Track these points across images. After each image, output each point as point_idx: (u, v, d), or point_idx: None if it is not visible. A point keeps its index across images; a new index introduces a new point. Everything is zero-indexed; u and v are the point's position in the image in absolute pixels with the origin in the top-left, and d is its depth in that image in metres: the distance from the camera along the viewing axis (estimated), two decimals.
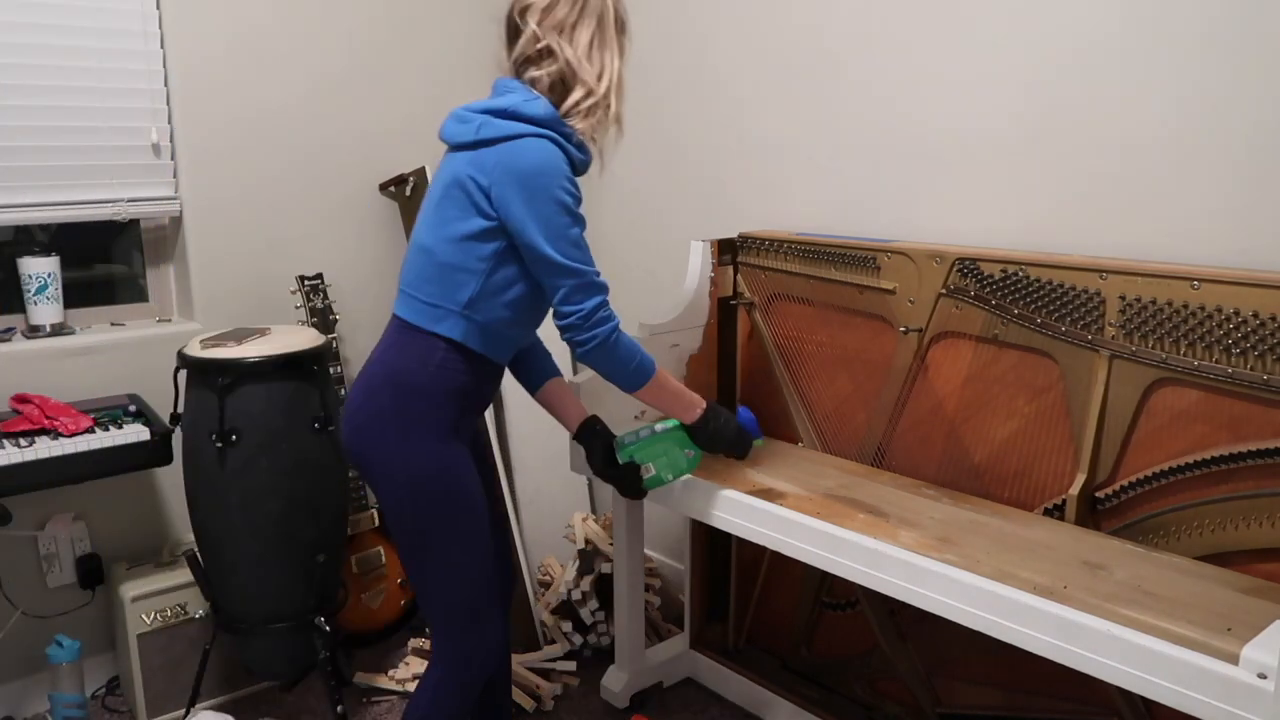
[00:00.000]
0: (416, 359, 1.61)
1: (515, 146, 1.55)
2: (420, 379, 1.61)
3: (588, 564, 2.54)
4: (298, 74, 2.62)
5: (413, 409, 1.61)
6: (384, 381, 1.63)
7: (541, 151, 1.55)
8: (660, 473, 1.84)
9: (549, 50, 1.61)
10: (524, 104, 1.58)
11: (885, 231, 2.14)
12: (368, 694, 2.44)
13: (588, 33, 1.63)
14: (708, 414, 1.83)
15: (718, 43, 2.51)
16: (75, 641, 2.22)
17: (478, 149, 1.58)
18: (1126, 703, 1.70)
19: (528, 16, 1.62)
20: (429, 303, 1.61)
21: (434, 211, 1.63)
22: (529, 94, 1.61)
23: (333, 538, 2.23)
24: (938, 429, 1.95)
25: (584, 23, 1.63)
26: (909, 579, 1.53)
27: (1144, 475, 1.66)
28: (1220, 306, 1.54)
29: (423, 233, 1.65)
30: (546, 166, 1.55)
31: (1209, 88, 1.64)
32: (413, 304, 1.64)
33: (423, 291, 1.62)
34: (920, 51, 2.07)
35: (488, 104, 1.61)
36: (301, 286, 2.57)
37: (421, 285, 1.62)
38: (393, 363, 1.63)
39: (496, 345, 1.66)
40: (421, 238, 1.64)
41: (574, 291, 1.58)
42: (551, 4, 1.62)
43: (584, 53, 1.62)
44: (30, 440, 2.03)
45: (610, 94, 1.66)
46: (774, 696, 2.26)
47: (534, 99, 1.60)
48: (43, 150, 2.29)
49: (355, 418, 1.65)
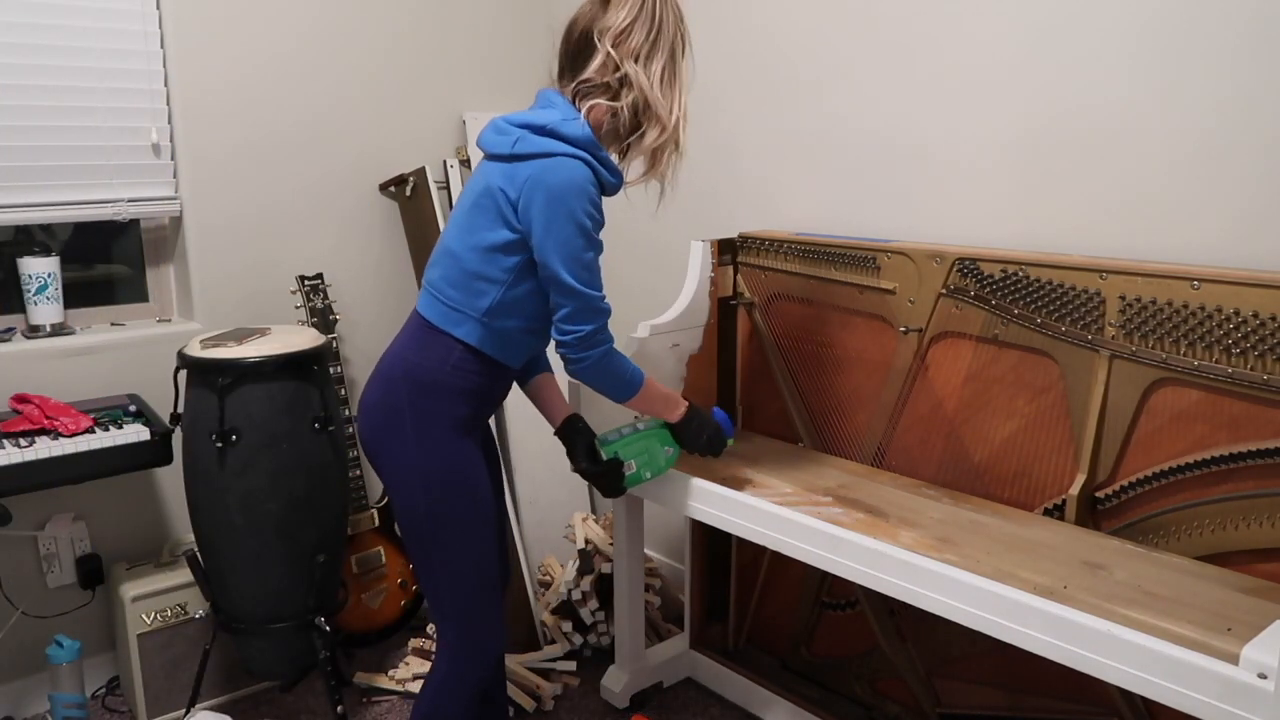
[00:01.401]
0: (434, 357, 1.64)
1: (548, 165, 1.57)
2: (436, 376, 1.64)
3: (588, 564, 2.54)
4: (298, 74, 2.62)
5: (427, 404, 1.64)
6: (402, 375, 1.66)
7: (571, 172, 1.57)
8: (640, 470, 1.86)
9: (625, 81, 1.62)
10: (563, 123, 1.59)
11: (885, 231, 2.14)
12: (368, 694, 2.44)
13: (660, 65, 1.64)
14: (689, 413, 1.87)
15: (719, 44, 2.51)
16: (75, 641, 2.22)
17: (513, 162, 1.60)
18: (1126, 703, 1.70)
19: (604, 39, 1.61)
20: (450, 306, 1.64)
21: (465, 217, 1.66)
22: (570, 112, 1.62)
23: (333, 538, 2.23)
24: (938, 429, 1.95)
25: (657, 54, 1.64)
26: (909, 579, 1.53)
27: (1144, 475, 1.66)
28: (1220, 306, 1.54)
29: (452, 236, 1.67)
30: (573, 189, 1.56)
31: (1209, 88, 1.64)
32: (435, 304, 1.67)
33: (445, 294, 1.65)
34: (921, 52, 2.07)
35: (527, 119, 1.62)
36: (301, 286, 2.57)
37: (445, 288, 1.65)
38: (410, 358, 1.66)
39: (510, 351, 1.69)
40: (450, 241, 1.67)
41: (576, 313, 1.61)
42: (628, 29, 1.61)
43: (658, 87, 1.63)
44: (30, 440, 2.03)
45: (679, 129, 1.67)
46: (774, 696, 2.26)
47: (574, 119, 1.61)
48: (43, 150, 2.29)
49: (371, 411, 1.68)
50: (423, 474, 1.64)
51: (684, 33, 1.70)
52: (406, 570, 2.65)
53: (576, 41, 1.65)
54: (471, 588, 1.69)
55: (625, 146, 1.67)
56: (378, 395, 1.68)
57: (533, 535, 2.79)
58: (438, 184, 2.76)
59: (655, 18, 1.63)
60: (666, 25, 1.65)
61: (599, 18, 1.63)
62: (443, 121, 2.90)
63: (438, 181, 2.77)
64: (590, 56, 1.63)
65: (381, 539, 2.63)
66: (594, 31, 1.62)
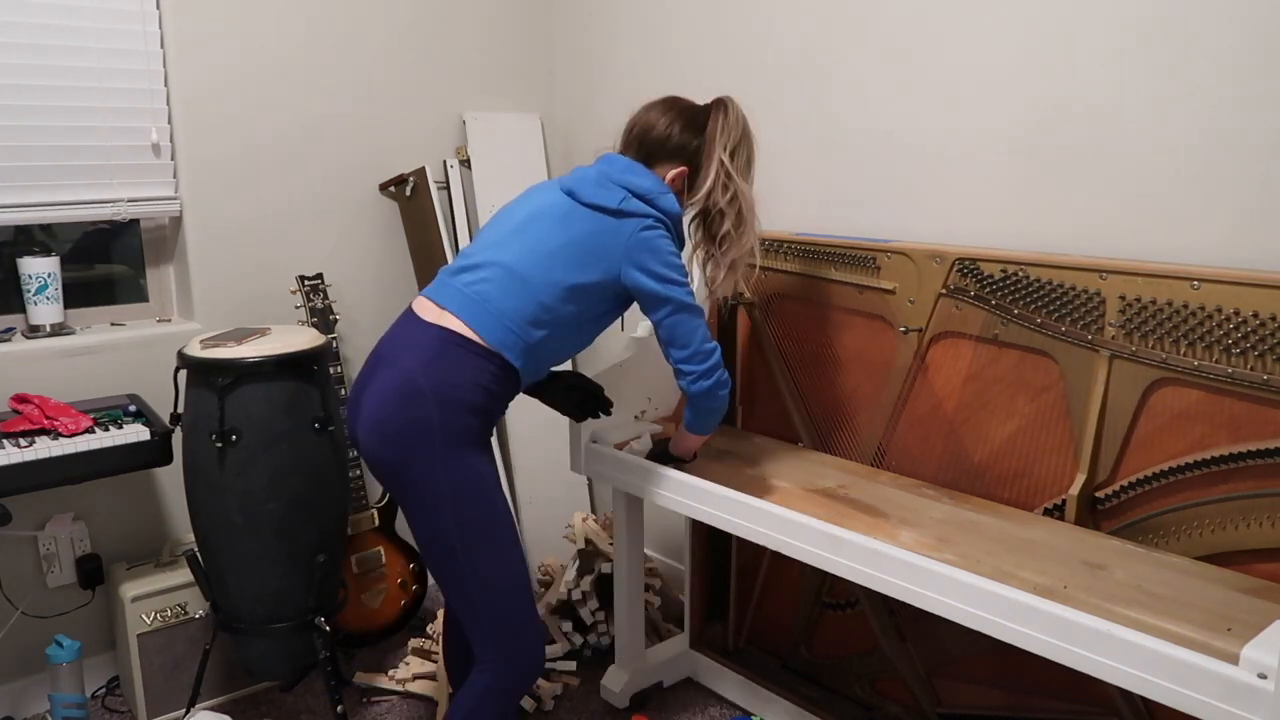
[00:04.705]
0: (468, 377, 1.65)
1: (647, 227, 1.73)
2: (468, 396, 1.65)
3: (588, 564, 2.54)
4: (298, 74, 2.62)
5: (455, 421, 1.63)
6: (433, 394, 1.63)
7: (662, 235, 1.74)
8: None
9: (734, 198, 1.77)
10: (659, 196, 1.76)
11: (885, 231, 2.14)
12: (368, 694, 2.44)
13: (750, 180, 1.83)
14: None
15: (719, 44, 2.51)
16: (75, 641, 2.22)
17: (619, 217, 1.72)
18: (1126, 703, 1.70)
19: (714, 149, 1.77)
20: (508, 326, 1.68)
21: (552, 252, 1.71)
22: (663, 186, 1.78)
23: (333, 538, 2.22)
24: (938, 429, 1.95)
25: (749, 173, 1.83)
26: (909, 579, 1.53)
27: (1144, 475, 1.66)
28: (1220, 306, 1.54)
29: (526, 263, 1.71)
30: (668, 246, 1.75)
31: (1210, 88, 1.64)
32: (486, 317, 1.68)
33: (503, 313, 1.68)
34: (921, 52, 2.07)
35: (630, 183, 1.75)
36: (301, 286, 2.57)
37: (504, 307, 1.69)
38: (441, 376, 1.64)
39: (535, 374, 1.79)
40: (524, 269, 1.70)
41: (699, 330, 1.76)
42: (735, 148, 1.78)
43: (753, 205, 1.81)
44: (30, 440, 2.03)
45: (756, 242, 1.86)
46: (774, 696, 2.26)
47: (666, 193, 1.77)
48: (43, 150, 2.29)
49: (388, 427, 1.63)
50: (453, 490, 1.63)
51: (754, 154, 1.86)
52: (406, 570, 2.65)
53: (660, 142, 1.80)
54: (510, 599, 1.70)
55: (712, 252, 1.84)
56: (399, 412, 1.62)
57: (533, 535, 2.79)
58: (438, 184, 2.76)
59: (749, 137, 1.82)
60: (754, 145, 1.83)
61: (696, 135, 1.79)
62: (443, 121, 2.90)
63: (438, 182, 2.77)
64: (672, 162, 1.80)
65: (381, 539, 2.63)
66: (690, 146, 1.79)
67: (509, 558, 1.70)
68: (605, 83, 2.93)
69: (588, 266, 1.71)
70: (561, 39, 3.07)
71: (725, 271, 1.84)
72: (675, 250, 1.76)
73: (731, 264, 1.83)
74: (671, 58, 2.69)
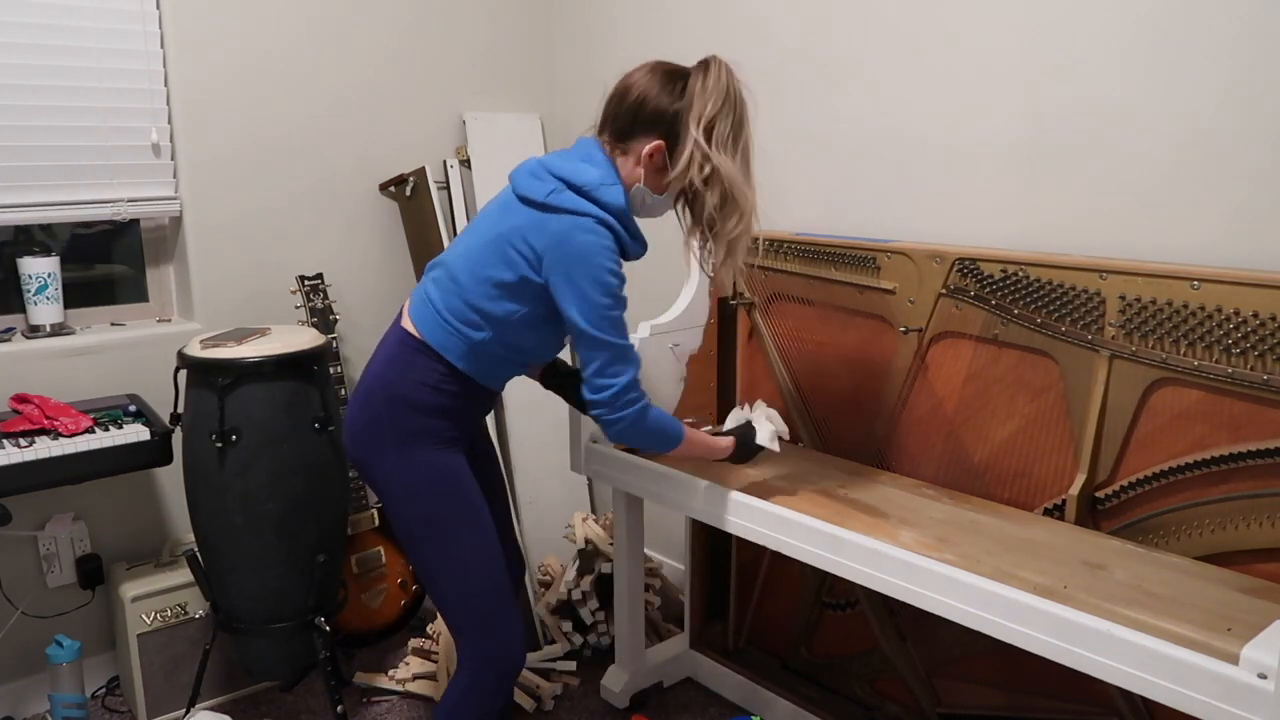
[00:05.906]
0: (415, 377, 1.65)
1: (578, 224, 1.56)
2: (416, 395, 1.65)
3: (588, 564, 2.54)
4: (298, 74, 2.62)
5: (407, 421, 1.65)
6: (383, 393, 1.67)
7: (597, 238, 1.57)
8: None
9: (714, 174, 1.58)
10: (601, 188, 1.59)
11: (885, 231, 2.14)
12: (368, 694, 2.44)
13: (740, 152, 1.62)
14: (738, 446, 1.88)
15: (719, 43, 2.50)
16: (75, 641, 2.22)
17: (545, 212, 1.59)
18: (1126, 703, 1.70)
19: (688, 120, 1.58)
20: (449, 329, 1.65)
21: (480, 250, 1.65)
22: (610, 176, 1.62)
23: (333, 538, 2.23)
24: (938, 429, 1.95)
25: (739, 142, 1.62)
26: (909, 579, 1.53)
27: (1144, 475, 1.66)
28: (1220, 306, 1.54)
29: (461, 264, 1.66)
30: (598, 254, 1.57)
31: (1210, 87, 1.64)
32: (433, 319, 1.66)
33: (444, 315, 1.65)
34: (921, 52, 2.07)
35: (567, 173, 1.60)
36: (301, 286, 2.56)
37: (444, 309, 1.66)
38: (389, 377, 1.67)
39: (494, 376, 1.72)
40: (457, 268, 1.66)
41: (608, 364, 1.60)
42: (714, 118, 1.58)
43: (740, 177, 1.60)
44: (30, 440, 2.03)
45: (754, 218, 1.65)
46: (774, 696, 2.26)
47: (612, 184, 1.61)
48: (43, 150, 2.29)
49: (353, 428, 1.70)
50: (406, 486, 1.65)
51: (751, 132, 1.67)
52: (406, 570, 2.65)
53: (633, 111, 1.63)
54: (478, 595, 1.69)
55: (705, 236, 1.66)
56: (358, 412, 1.69)
57: (533, 535, 2.79)
58: (438, 184, 2.76)
59: (736, 103, 1.61)
60: (745, 110, 1.63)
61: (674, 102, 1.60)
62: (443, 122, 2.90)
63: (438, 182, 2.77)
64: (648, 134, 1.62)
65: (381, 539, 2.63)
66: (668, 114, 1.60)
67: (476, 551, 1.67)
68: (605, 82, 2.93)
69: (514, 263, 1.59)
70: (561, 39, 3.07)
71: (724, 255, 1.65)
72: (614, 258, 1.60)
73: (729, 246, 1.64)
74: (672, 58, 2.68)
